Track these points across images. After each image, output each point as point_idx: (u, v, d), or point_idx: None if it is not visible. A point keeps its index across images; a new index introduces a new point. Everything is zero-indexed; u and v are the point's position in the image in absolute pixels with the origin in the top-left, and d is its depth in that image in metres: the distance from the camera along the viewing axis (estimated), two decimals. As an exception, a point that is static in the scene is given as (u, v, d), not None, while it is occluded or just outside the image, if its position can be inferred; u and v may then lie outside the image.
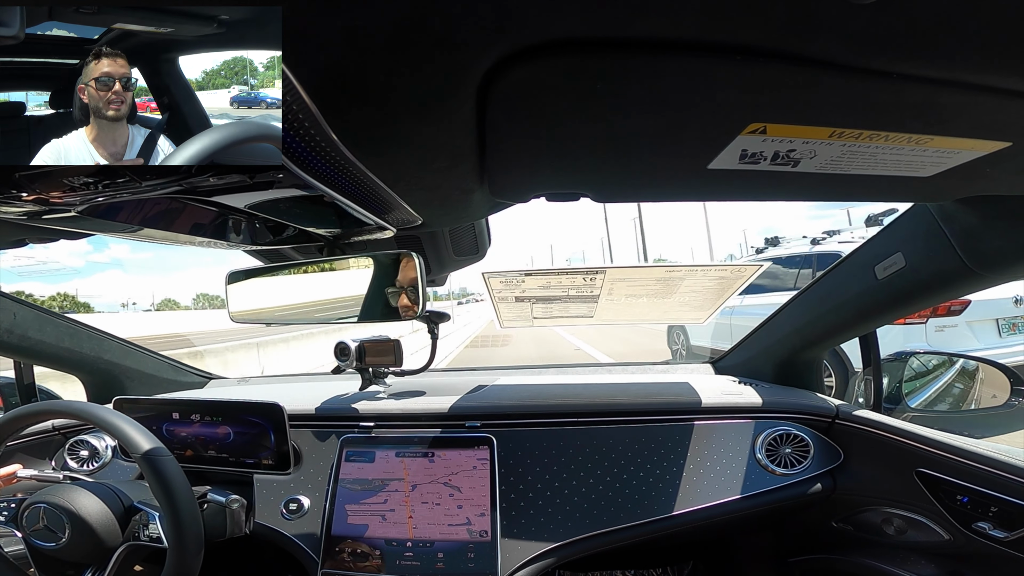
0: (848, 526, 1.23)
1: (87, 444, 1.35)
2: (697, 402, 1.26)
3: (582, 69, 0.41)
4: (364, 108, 0.45)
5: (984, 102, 0.45)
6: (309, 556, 1.09)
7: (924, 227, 0.93)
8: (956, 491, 1.00)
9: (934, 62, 0.40)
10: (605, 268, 1.02)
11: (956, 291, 0.98)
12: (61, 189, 0.48)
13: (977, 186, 0.69)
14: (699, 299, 1.15)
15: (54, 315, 1.39)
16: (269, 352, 9.57)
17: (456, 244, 1.10)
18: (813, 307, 1.28)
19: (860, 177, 0.62)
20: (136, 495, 1.00)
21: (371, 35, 0.35)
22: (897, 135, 0.51)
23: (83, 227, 0.66)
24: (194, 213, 0.67)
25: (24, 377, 1.47)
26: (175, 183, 0.50)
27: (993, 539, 0.95)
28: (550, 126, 0.51)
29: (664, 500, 1.14)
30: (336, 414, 1.31)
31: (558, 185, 0.69)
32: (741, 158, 0.56)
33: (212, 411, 1.12)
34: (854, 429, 1.19)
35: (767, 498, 1.15)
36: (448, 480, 1.12)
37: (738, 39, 0.38)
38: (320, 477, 1.19)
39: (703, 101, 0.45)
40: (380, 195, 0.68)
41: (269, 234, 0.85)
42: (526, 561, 1.05)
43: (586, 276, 1.04)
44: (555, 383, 1.47)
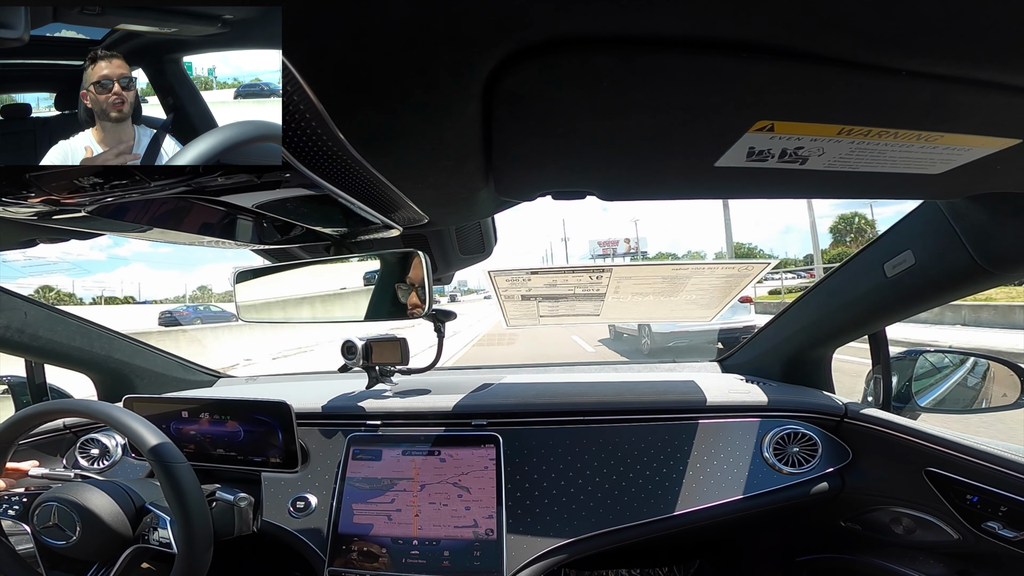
0: (856, 525, 1.23)
1: (98, 442, 1.36)
2: (704, 400, 1.26)
3: (588, 67, 0.40)
4: (371, 107, 0.45)
5: (994, 99, 0.45)
6: (316, 554, 1.10)
7: (934, 225, 0.92)
8: (966, 490, 0.99)
9: (943, 59, 0.39)
10: (612, 266, 1.01)
11: (966, 289, 0.97)
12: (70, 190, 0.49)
13: (988, 183, 0.69)
14: (706, 297, 1.14)
15: (65, 314, 1.40)
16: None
17: (462, 243, 1.10)
18: (822, 305, 1.27)
19: (869, 174, 0.61)
20: (147, 494, 1.01)
21: (378, 34, 0.35)
22: (906, 132, 0.51)
23: (92, 227, 0.66)
24: (202, 213, 0.68)
25: (35, 376, 1.48)
26: (182, 183, 0.51)
27: (1003, 539, 0.95)
28: (556, 124, 0.50)
29: (670, 499, 1.13)
30: (343, 412, 1.32)
31: (564, 183, 0.68)
32: (748, 156, 0.55)
33: (220, 409, 1.13)
34: (863, 428, 1.18)
35: (774, 497, 1.15)
36: (458, 480, 1.12)
37: (745, 36, 0.37)
38: (327, 475, 1.20)
39: (710, 99, 0.45)
40: (386, 194, 0.68)
41: (277, 233, 0.86)
42: (532, 559, 1.05)
43: (592, 274, 1.04)
44: (561, 381, 1.47)
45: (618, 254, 61.39)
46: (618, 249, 62.42)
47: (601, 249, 61.91)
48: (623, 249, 62.31)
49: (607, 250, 61.88)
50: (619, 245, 63.03)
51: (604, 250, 61.87)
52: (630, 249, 61.23)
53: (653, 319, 1.37)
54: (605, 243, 63.30)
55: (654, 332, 9.13)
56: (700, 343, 8.73)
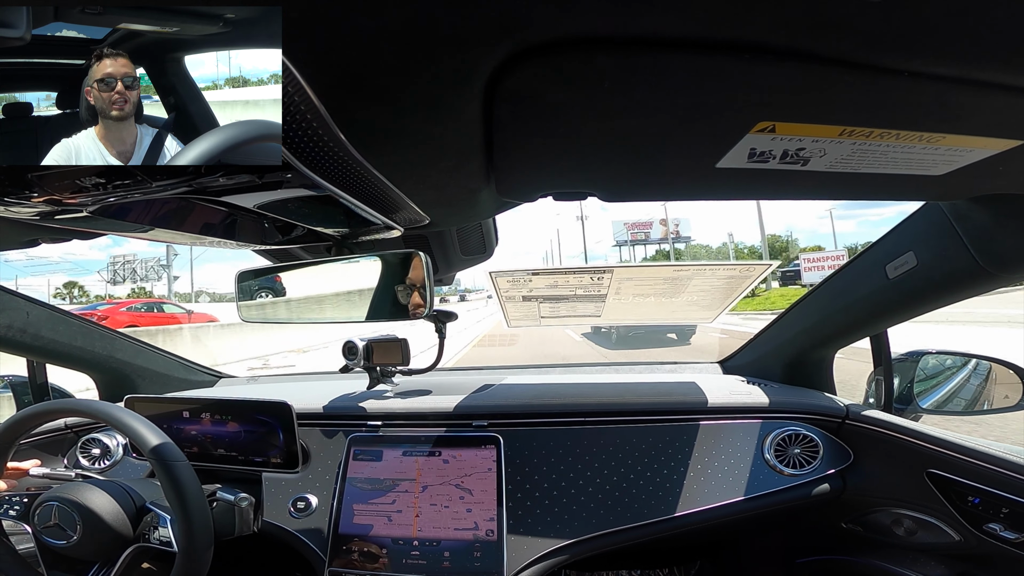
0: (858, 527, 1.22)
1: (99, 442, 1.36)
2: (705, 402, 1.25)
3: (590, 67, 0.40)
4: (371, 108, 0.45)
5: (997, 100, 0.45)
6: (316, 554, 1.10)
7: (936, 226, 0.92)
8: (967, 492, 0.99)
9: (946, 60, 0.39)
10: (613, 267, 1.01)
11: (968, 291, 0.96)
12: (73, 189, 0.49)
13: (990, 184, 0.68)
14: (707, 298, 1.14)
15: (67, 314, 1.40)
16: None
17: (463, 243, 1.10)
18: (823, 306, 1.27)
19: (871, 176, 0.61)
20: (148, 494, 1.01)
21: (378, 34, 0.35)
22: (909, 133, 0.51)
23: (94, 227, 0.66)
24: (204, 213, 0.68)
25: (37, 376, 1.48)
26: (184, 183, 0.51)
27: (1004, 540, 0.95)
28: (557, 125, 0.50)
29: (671, 500, 1.13)
30: (344, 413, 1.32)
31: (565, 184, 0.68)
32: (750, 157, 0.55)
33: (221, 409, 1.13)
34: (864, 429, 1.18)
35: (775, 498, 1.15)
36: (460, 482, 1.12)
37: (747, 37, 0.37)
38: (328, 476, 1.20)
39: (711, 100, 0.45)
40: (387, 195, 0.68)
41: (278, 234, 0.86)
42: (532, 560, 1.05)
43: (593, 276, 1.04)
44: (562, 382, 1.47)
45: (651, 241, 46.29)
46: (651, 234, 46.03)
47: (629, 234, 46.43)
48: (658, 234, 45.63)
49: (637, 235, 46.04)
50: (653, 229, 45.84)
51: (633, 235, 46.14)
52: (667, 235, 44.25)
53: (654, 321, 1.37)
54: (635, 225, 46.42)
55: (618, 325, 10.38)
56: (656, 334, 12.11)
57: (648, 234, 46.34)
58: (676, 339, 12.30)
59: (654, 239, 46.46)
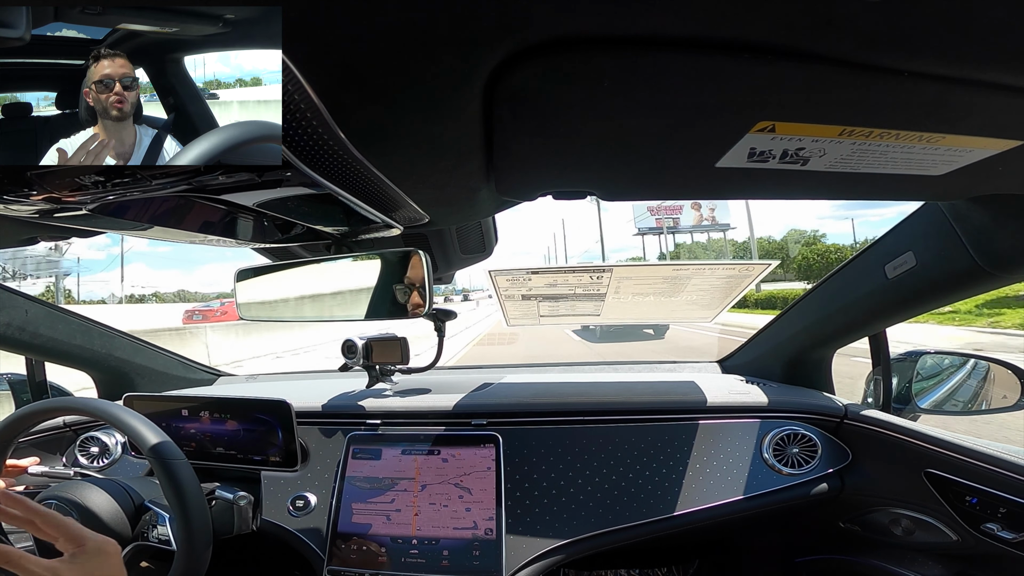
0: (856, 527, 1.23)
1: (97, 441, 1.36)
2: (704, 401, 1.26)
3: (589, 67, 0.40)
4: (371, 107, 0.45)
5: (996, 100, 0.45)
6: (315, 553, 1.10)
7: (935, 226, 0.92)
8: (965, 492, 0.99)
9: (945, 60, 0.39)
10: (612, 267, 1.01)
11: (967, 291, 0.97)
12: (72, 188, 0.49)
13: (990, 184, 0.69)
14: (707, 297, 1.14)
15: (65, 312, 1.40)
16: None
17: (463, 242, 1.10)
18: (822, 306, 1.27)
19: (871, 176, 0.61)
20: (146, 492, 1.01)
21: (378, 33, 0.35)
22: (908, 133, 0.51)
23: (94, 225, 0.66)
24: (204, 212, 0.68)
25: (36, 374, 1.48)
26: (184, 182, 0.51)
27: (1002, 540, 0.95)
28: (557, 124, 0.50)
29: (670, 499, 1.13)
30: (343, 411, 1.32)
31: (565, 183, 0.68)
32: (749, 156, 0.55)
33: (221, 408, 1.13)
34: (863, 429, 1.18)
35: (774, 498, 1.15)
36: (460, 481, 1.12)
37: (746, 37, 0.37)
38: (327, 474, 1.20)
39: (711, 99, 0.45)
40: (387, 193, 0.68)
41: (277, 232, 0.86)
42: (531, 559, 1.05)
43: (593, 275, 1.04)
44: (561, 381, 1.47)
45: (682, 229, 40.07)
46: (681, 221, 39.53)
47: (654, 219, 39.75)
48: (691, 220, 39.33)
49: (663, 220, 39.48)
50: (683, 213, 39.41)
51: (659, 220, 39.61)
52: (703, 220, 38.25)
53: (654, 320, 1.37)
54: (660, 209, 39.52)
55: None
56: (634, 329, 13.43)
57: (677, 220, 40.39)
58: (653, 334, 14.03)
59: (685, 227, 40.59)
